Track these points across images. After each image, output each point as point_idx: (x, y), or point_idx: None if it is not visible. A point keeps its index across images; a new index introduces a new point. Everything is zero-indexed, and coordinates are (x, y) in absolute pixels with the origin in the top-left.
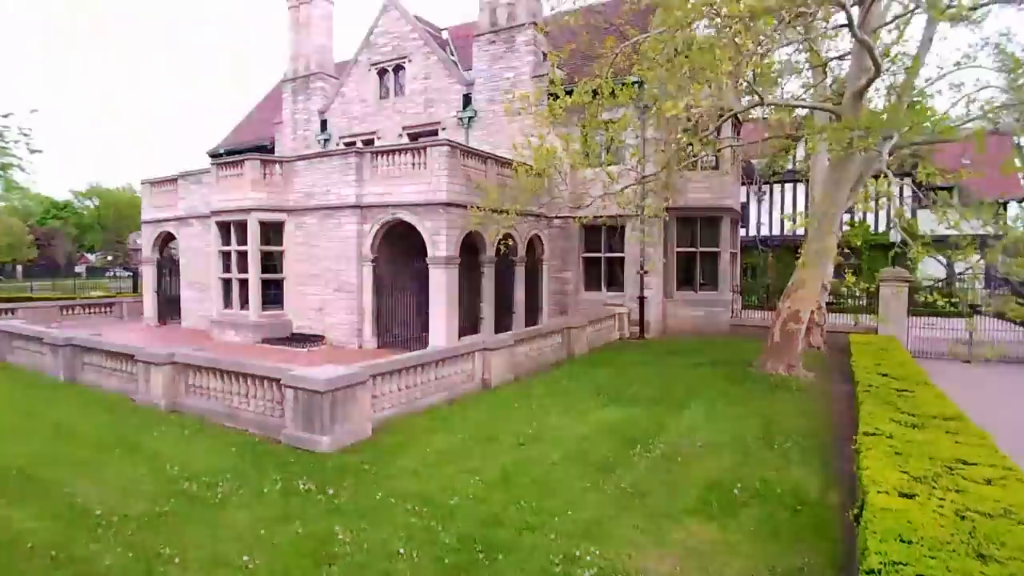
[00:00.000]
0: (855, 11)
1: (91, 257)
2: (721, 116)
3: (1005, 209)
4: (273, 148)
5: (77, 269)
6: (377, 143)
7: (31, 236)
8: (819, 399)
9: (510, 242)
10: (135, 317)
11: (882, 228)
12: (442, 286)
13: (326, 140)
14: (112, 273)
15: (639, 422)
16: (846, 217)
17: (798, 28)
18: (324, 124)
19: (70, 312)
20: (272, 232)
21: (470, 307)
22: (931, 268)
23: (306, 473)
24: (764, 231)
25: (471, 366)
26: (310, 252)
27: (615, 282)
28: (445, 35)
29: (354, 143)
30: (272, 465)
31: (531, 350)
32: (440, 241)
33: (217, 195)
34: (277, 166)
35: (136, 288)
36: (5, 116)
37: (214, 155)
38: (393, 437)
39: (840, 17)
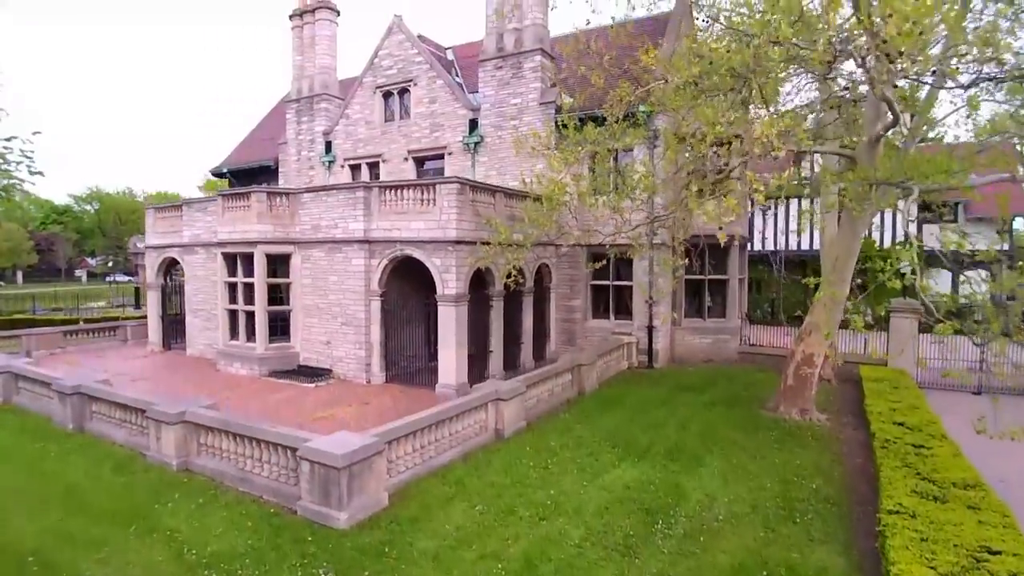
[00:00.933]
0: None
1: (91, 262)
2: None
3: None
4: (277, 168)
5: (77, 273)
6: (382, 166)
7: (31, 241)
8: (835, 452)
9: (519, 275)
10: (139, 340)
11: (887, 243)
12: (451, 324)
13: (330, 162)
14: (113, 279)
15: (657, 486)
16: None
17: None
18: (328, 146)
19: (74, 336)
20: (278, 264)
21: (476, 337)
22: (937, 284)
23: (326, 558)
24: (768, 245)
25: (484, 416)
26: (317, 285)
27: (623, 310)
28: (450, 54)
29: (359, 165)
30: (290, 544)
31: (542, 392)
32: (450, 279)
33: (223, 226)
34: (283, 198)
35: (139, 302)
36: (8, 140)
37: (218, 174)
38: (410, 508)
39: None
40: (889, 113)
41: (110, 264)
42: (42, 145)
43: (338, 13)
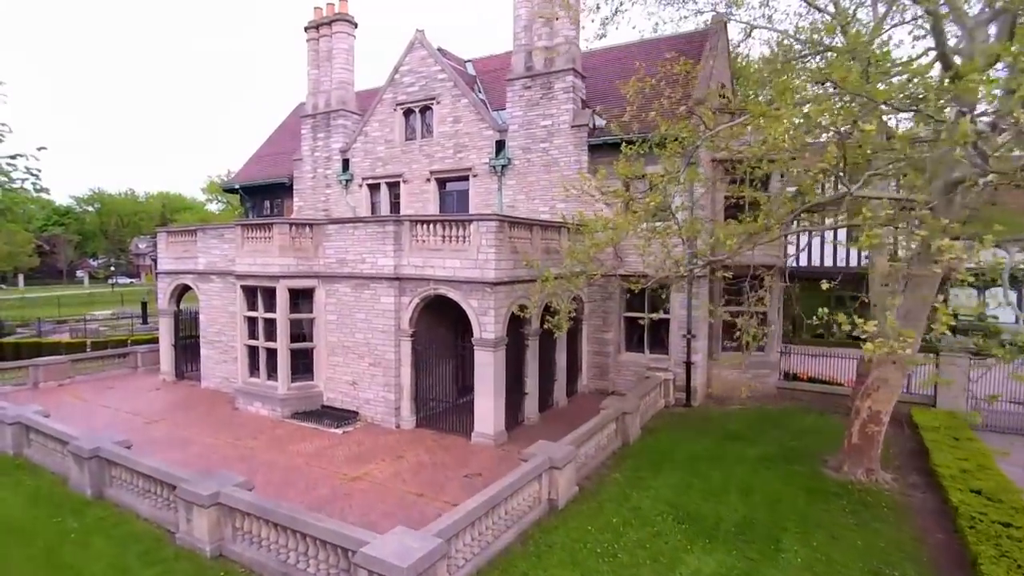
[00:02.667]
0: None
1: (92, 263)
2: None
3: None
4: (291, 185)
5: (79, 275)
6: (403, 186)
7: (32, 244)
8: (914, 526)
9: (548, 312)
10: (150, 368)
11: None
12: (489, 369)
13: (348, 181)
14: (115, 281)
15: None
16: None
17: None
18: (346, 163)
19: (82, 364)
20: (301, 298)
21: (509, 378)
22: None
23: None
24: (790, 262)
25: (538, 488)
26: (343, 322)
27: (658, 343)
28: (470, 68)
29: (378, 185)
30: None
31: (590, 448)
32: (488, 322)
33: (242, 258)
34: (307, 228)
35: (145, 317)
36: (12, 158)
37: (229, 190)
38: None
39: None
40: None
41: (112, 268)
42: (48, 151)
43: (356, 26)
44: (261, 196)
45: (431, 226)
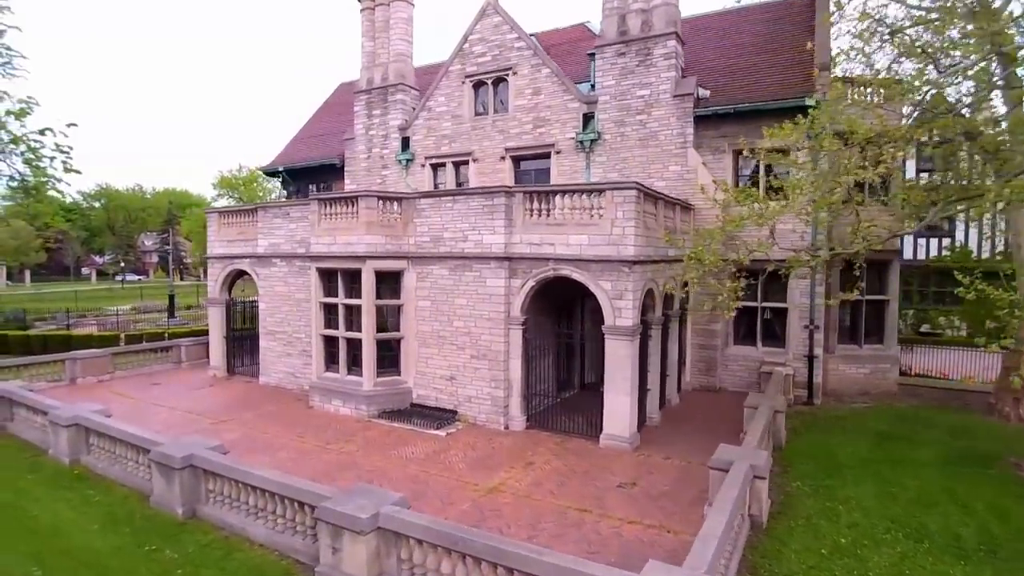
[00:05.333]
0: None
1: (98, 260)
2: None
3: None
4: (343, 167)
5: (84, 271)
6: (472, 166)
7: (39, 239)
8: None
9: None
10: (195, 362)
11: (985, 252)
12: (625, 362)
13: (408, 160)
14: (123, 278)
15: None
16: (945, 241)
17: None
18: (406, 142)
19: (123, 358)
20: (386, 282)
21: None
22: None
23: None
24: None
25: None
26: (439, 309)
27: (772, 335)
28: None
29: (443, 164)
30: None
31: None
32: (624, 307)
33: (319, 237)
34: (395, 204)
35: (172, 311)
36: (41, 132)
37: (270, 173)
38: None
39: None
40: None
41: (121, 264)
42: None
43: None
44: (306, 179)
45: (551, 197)
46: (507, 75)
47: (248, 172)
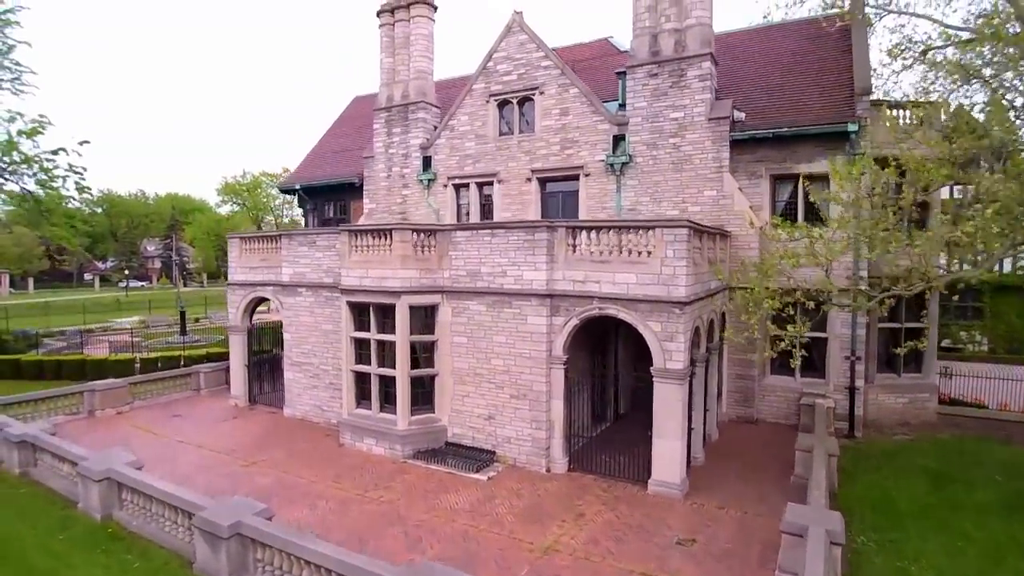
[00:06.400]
0: None
1: (101, 265)
2: None
3: None
4: (361, 185)
5: (87, 278)
6: (497, 187)
7: (42, 247)
8: None
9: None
10: (214, 389)
11: (1007, 266)
12: (676, 405)
13: (430, 180)
14: (126, 284)
15: None
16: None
17: None
18: (427, 162)
19: (140, 387)
20: (420, 316)
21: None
22: None
23: None
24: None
25: None
26: (476, 346)
27: (810, 365)
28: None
29: (466, 185)
30: None
31: None
32: (675, 349)
33: (351, 269)
34: (431, 236)
35: (184, 328)
36: (54, 152)
37: (287, 191)
38: None
39: None
40: None
41: (126, 272)
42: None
43: (435, 8)
44: (323, 197)
45: (595, 233)
46: (533, 94)
47: (252, 178)
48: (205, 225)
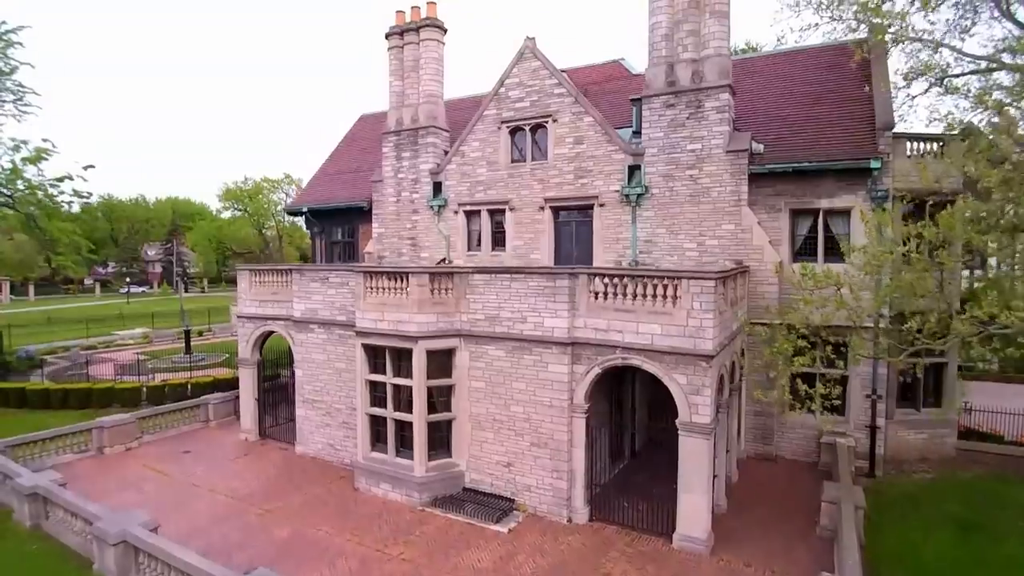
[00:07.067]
0: None
1: (101, 270)
2: None
3: None
4: (370, 209)
5: (87, 282)
6: (509, 215)
7: (43, 253)
8: None
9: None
10: (223, 421)
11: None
12: (703, 460)
13: (440, 206)
14: (127, 290)
15: None
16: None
17: None
18: (438, 187)
19: (149, 421)
20: (435, 359)
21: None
22: None
23: None
24: None
25: None
26: (495, 392)
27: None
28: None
29: (477, 212)
30: None
31: None
32: (701, 403)
33: (366, 311)
34: (448, 278)
35: (189, 346)
36: (59, 180)
37: (294, 212)
38: None
39: None
40: None
41: (127, 280)
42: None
43: (445, 31)
44: (331, 220)
45: (618, 281)
46: (546, 122)
47: (254, 183)
48: (207, 231)
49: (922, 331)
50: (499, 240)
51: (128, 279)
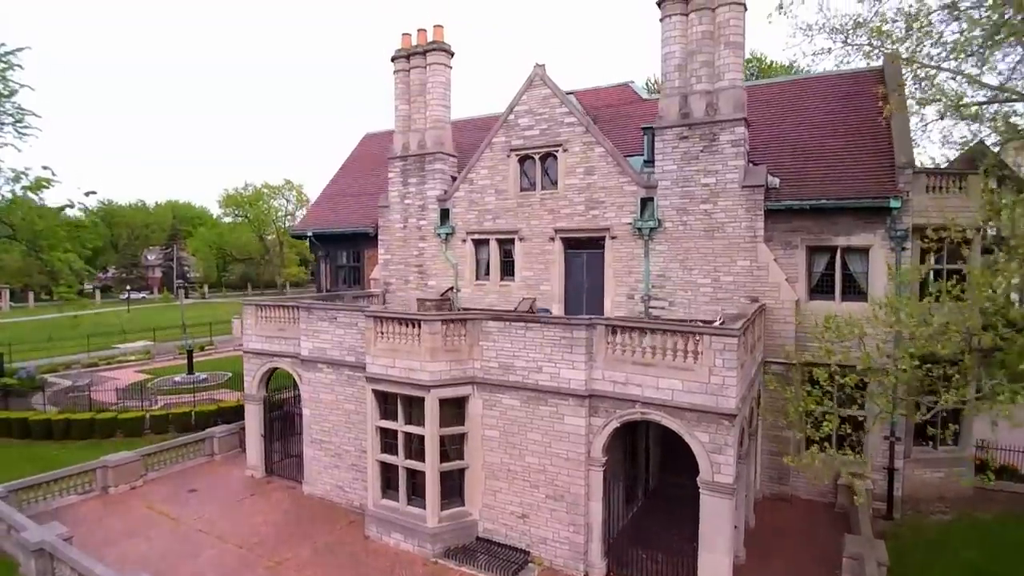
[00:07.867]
0: None
1: (101, 275)
2: None
3: None
4: (376, 235)
5: (87, 287)
6: (519, 244)
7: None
8: None
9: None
10: (228, 455)
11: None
12: (724, 520)
13: (448, 234)
14: (127, 296)
15: None
16: None
17: None
18: (445, 214)
19: (154, 458)
20: (447, 407)
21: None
22: None
23: None
24: None
25: None
26: (509, 442)
27: (848, 443)
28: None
29: (486, 241)
30: None
31: None
32: (723, 462)
33: (376, 357)
34: (461, 325)
35: (191, 367)
36: (61, 209)
37: (298, 236)
38: None
39: None
40: None
41: (127, 287)
42: (50, 156)
43: (452, 55)
44: (336, 245)
45: (636, 334)
46: (556, 151)
47: (254, 189)
48: (207, 238)
49: (949, 380)
50: (508, 269)
51: (128, 286)
